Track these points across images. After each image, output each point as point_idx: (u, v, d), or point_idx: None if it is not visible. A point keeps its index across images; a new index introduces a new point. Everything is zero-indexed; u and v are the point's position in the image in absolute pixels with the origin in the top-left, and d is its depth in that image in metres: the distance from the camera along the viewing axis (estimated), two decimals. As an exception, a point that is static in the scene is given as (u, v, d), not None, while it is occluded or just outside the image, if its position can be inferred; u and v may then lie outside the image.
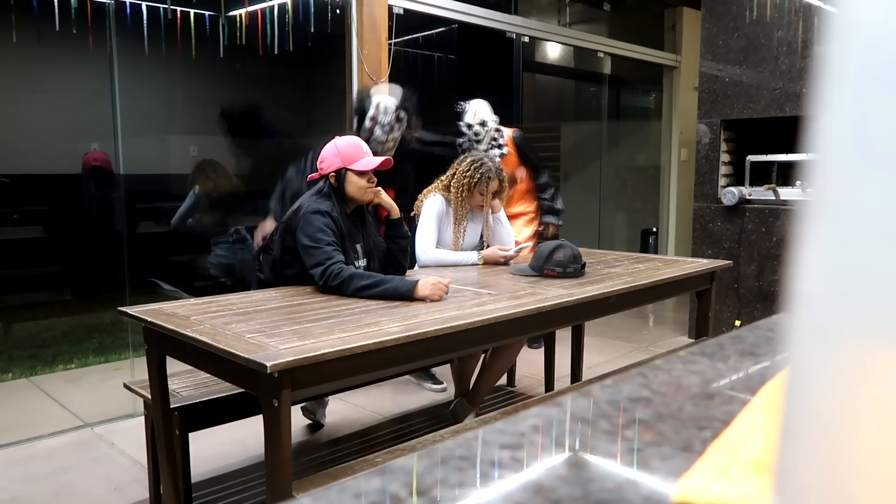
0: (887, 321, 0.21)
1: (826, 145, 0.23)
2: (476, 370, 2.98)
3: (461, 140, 3.72)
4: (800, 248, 0.24)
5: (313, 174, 2.47)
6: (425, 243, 2.91)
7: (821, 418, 0.23)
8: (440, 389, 3.51)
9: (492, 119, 3.70)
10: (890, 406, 0.21)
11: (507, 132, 3.81)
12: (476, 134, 3.65)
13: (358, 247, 2.43)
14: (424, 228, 2.93)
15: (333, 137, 2.50)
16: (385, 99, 3.22)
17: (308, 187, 2.49)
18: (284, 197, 3.10)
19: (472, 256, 2.94)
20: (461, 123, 3.72)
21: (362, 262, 2.43)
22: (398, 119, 3.20)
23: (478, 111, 3.69)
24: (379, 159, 2.41)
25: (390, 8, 3.91)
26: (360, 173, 2.39)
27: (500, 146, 3.75)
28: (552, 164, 6.88)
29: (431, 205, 2.96)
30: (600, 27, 6.47)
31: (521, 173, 3.85)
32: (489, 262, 2.94)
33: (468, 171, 2.94)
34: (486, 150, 3.59)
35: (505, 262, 2.93)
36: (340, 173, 2.38)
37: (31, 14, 3.30)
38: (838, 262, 0.22)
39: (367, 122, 3.17)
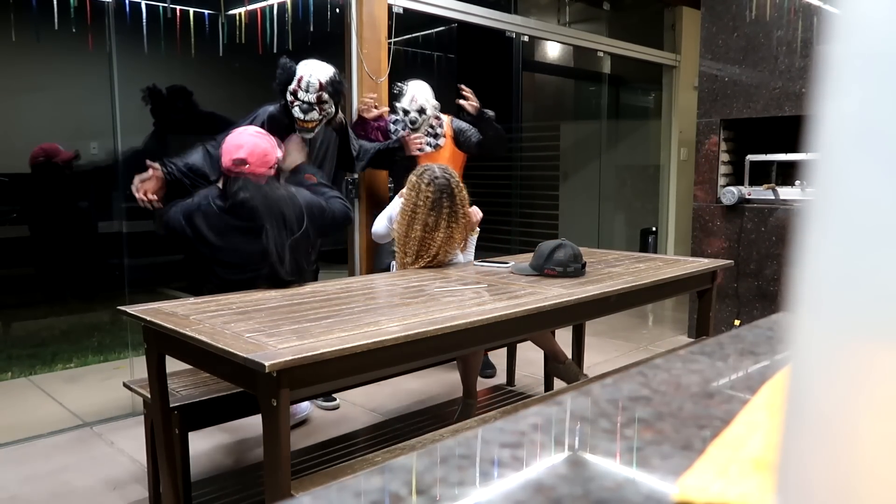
0: (889, 320, 0.21)
1: (827, 144, 0.23)
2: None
3: (394, 125, 3.52)
4: (800, 247, 0.24)
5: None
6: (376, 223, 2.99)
7: (823, 417, 0.23)
8: (332, 408, 3.25)
9: (432, 105, 3.46)
10: (892, 405, 0.21)
11: (445, 119, 3.58)
12: (412, 122, 3.44)
13: None
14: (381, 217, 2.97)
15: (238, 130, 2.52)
16: (310, 74, 2.88)
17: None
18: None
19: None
20: (397, 105, 3.50)
21: None
22: (320, 100, 2.87)
23: (416, 96, 3.44)
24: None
25: (390, 7, 3.91)
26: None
27: (435, 136, 3.51)
28: (552, 164, 6.90)
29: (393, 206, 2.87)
30: (600, 26, 6.47)
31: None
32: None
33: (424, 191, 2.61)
34: (420, 139, 3.46)
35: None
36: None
37: (30, 13, 3.29)
38: (839, 261, 0.22)
39: (288, 96, 2.89)
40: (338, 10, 3.84)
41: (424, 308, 1.95)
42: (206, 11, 3.72)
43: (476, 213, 2.90)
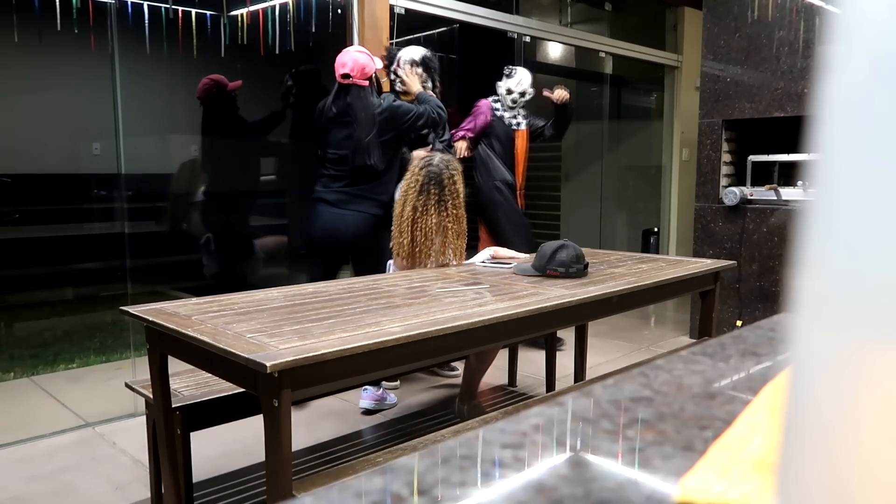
0: (890, 320, 0.21)
1: (828, 145, 0.23)
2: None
3: (495, 99, 3.93)
4: (802, 247, 0.24)
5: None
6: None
7: (823, 418, 0.23)
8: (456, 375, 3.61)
9: (530, 92, 3.96)
10: (893, 405, 0.21)
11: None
12: (514, 101, 3.92)
13: None
14: None
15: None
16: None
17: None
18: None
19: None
20: (500, 85, 3.92)
21: None
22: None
23: (523, 80, 3.91)
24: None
25: (391, 7, 3.91)
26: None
27: (525, 116, 4.01)
28: (553, 164, 6.90)
29: None
30: (601, 27, 6.47)
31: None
32: None
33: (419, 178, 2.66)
34: (511, 117, 3.94)
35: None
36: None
37: (32, 14, 3.30)
38: (841, 261, 0.22)
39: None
40: (339, 11, 3.84)
41: (426, 308, 1.95)
42: (208, 12, 3.72)
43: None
